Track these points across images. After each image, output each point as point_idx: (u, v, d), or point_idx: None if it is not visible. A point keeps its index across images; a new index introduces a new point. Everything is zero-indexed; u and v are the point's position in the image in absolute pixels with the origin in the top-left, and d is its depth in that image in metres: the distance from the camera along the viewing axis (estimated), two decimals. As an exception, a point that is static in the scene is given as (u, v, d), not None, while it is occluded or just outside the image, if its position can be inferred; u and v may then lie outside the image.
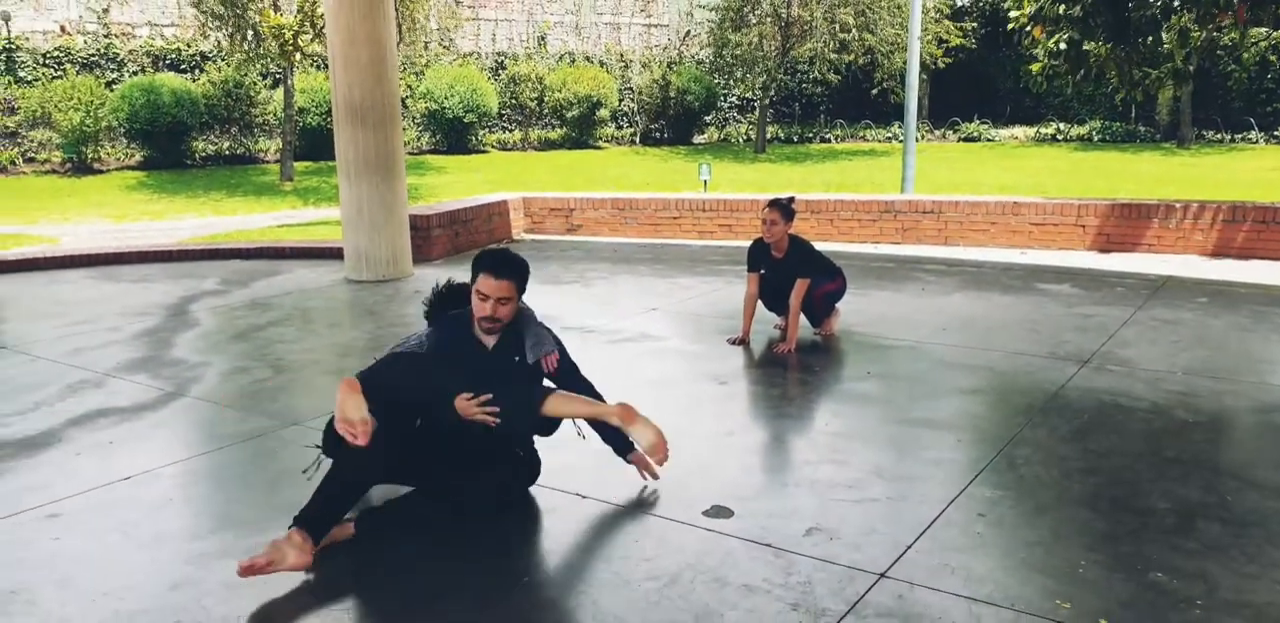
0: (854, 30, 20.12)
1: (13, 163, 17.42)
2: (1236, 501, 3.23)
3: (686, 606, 2.65)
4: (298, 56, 12.46)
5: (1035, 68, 10.28)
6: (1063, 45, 8.24)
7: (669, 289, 6.99)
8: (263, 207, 14.96)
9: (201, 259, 8.68)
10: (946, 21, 21.52)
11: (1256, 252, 7.60)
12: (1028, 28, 8.56)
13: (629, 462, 3.45)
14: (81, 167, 17.70)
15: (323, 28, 12.53)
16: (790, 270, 5.23)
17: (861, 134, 24.43)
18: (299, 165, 18.37)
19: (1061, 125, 22.90)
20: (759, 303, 5.46)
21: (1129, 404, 4.24)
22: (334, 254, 8.55)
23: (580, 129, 23.12)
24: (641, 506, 3.31)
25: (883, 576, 2.79)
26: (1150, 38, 8.24)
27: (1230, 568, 2.78)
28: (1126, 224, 7.95)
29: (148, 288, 7.35)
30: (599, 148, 23.92)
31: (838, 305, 5.57)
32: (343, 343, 5.71)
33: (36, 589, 2.79)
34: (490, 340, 3.26)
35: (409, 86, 21.51)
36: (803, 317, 5.39)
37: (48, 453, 3.90)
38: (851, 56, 20.78)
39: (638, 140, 24.35)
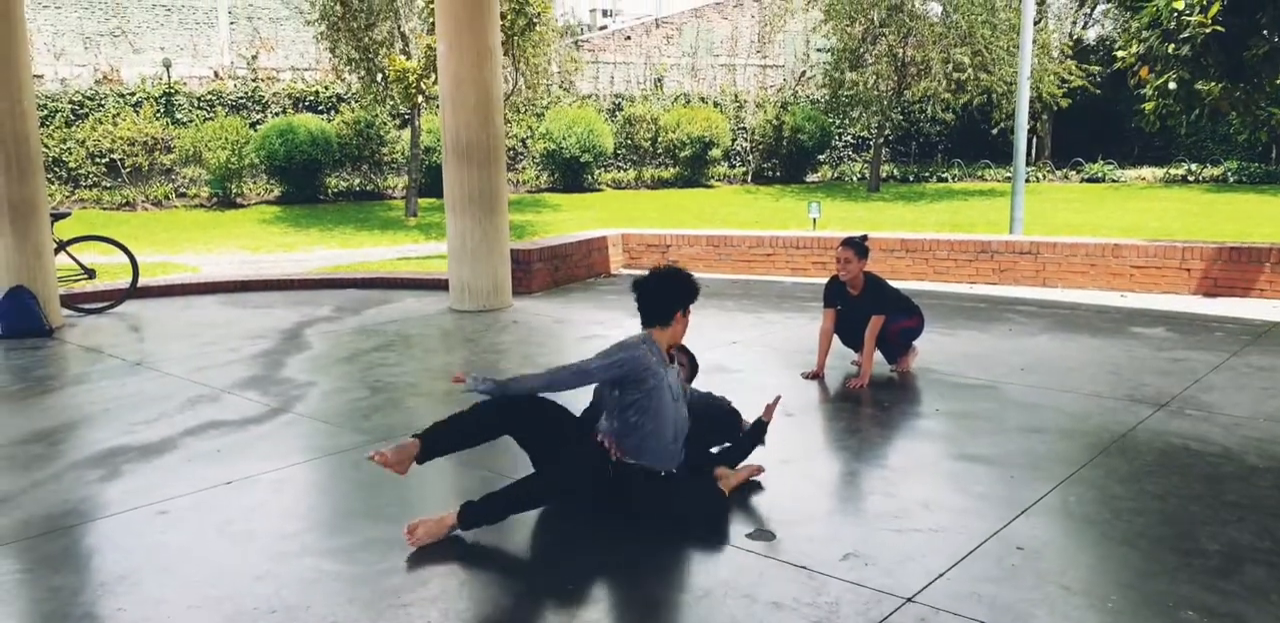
0: (970, 70, 19.96)
1: (167, 197, 18.93)
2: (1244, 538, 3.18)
3: (712, 618, 2.80)
4: (420, 99, 13.23)
5: (1148, 107, 10.07)
6: (1172, 85, 8.09)
7: (753, 323, 7.14)
8: (388, 240, 15.79)
9: (320, 288, 9.29)
10: (1070, 61, 21.10)
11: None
12: (1135, 68, 8.44)
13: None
14: (225, 201, 19.07)
15: (441, 72, 13.27)
16: (866, 307, 5.33)
17: (980, 174, 24.04)
18: (423, 202, 19.28)
19: (1193, 166, 22.02)
20: (837, 339, 5.56)
21: (1199, 448, 4.17)
22: (441, 286, 9.02)
23: (692, 168, 23.53)
24: (689, 526, 3.46)
25: (909, 600, 2.87)
26: (1269, 75, 8.01)
27: (1267, 611, 2.76)
28: (1235, 268, 7.68)
29: (269, 313, 7.93)
30: (710, 186, 24.26)
31: (915, 343, 5.62)
32: (437, 367, 6.07)
33: (141, 575, 3.15)
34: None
35: (530, 128, 22.35)
36: (879, 353, 5.47)
37: (163, 458, 4.33)
38: (968, 96, 20.58)
39: (749, 179, 24.59)
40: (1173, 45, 7.95)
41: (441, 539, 3.31)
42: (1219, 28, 7.59)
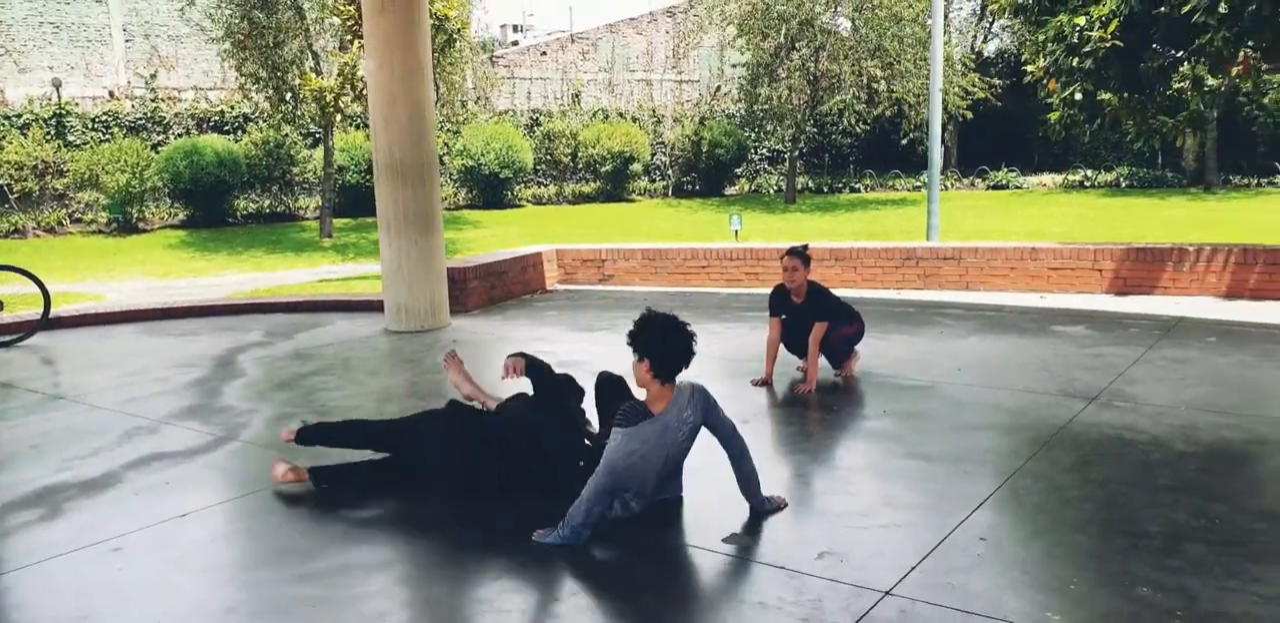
0: (882, 82, 20.59)
1: (60, 223, 18.17)
2: (1223, 524, 3.40)
3: (702, 619, 2.86)
4: (338, 117, 13.06)
5: (1054, 117, 10.57)
6: (1078, 95, 8.51)
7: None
8: (303, 262, 15.49)
9: (245, 313, 9.07)
10: (973, 74, 21.94)
11: (1268, 293, 7.72)
12: (1044, 80, 8.86)
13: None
14: (126, 226, 18.39)
15: (363, 90, 13.15)
16: (810, 315, 5.49)
17: (891, 184, 24.77)
18: (337, 222, 18.99)
19: (1089, 172, 23.09)
20: (781, 346, 5.70)
21: (1131, 437, 4.41)
22: (372, 307, 8.92)
23: (614, 183, 23.69)
24: (667, 532, 3.52)
25: (887, 593, 2.98)
26: (1162, 87, 8.49)
27: (1211, 584, 2.95)
28: (1142, 268, 8.12)
29: (194, 340, 7.72)
30: (632, 201, 24.45)
31: (857, 348, 5.79)
32: (381, 390, 6.01)
33: (102, 614, 3.06)
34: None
35: (446, 144, 22.22)
36: (823, 359, 5.62)
37: (108, 493, 4.18)
38: (880, 108, 21.22)
39: (670, 193, 24.87)
40: (1076, 59, 8.37)
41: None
42: (1118, 43, 8.02)
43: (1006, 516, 3.56)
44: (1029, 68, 9.11)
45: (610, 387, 4.09)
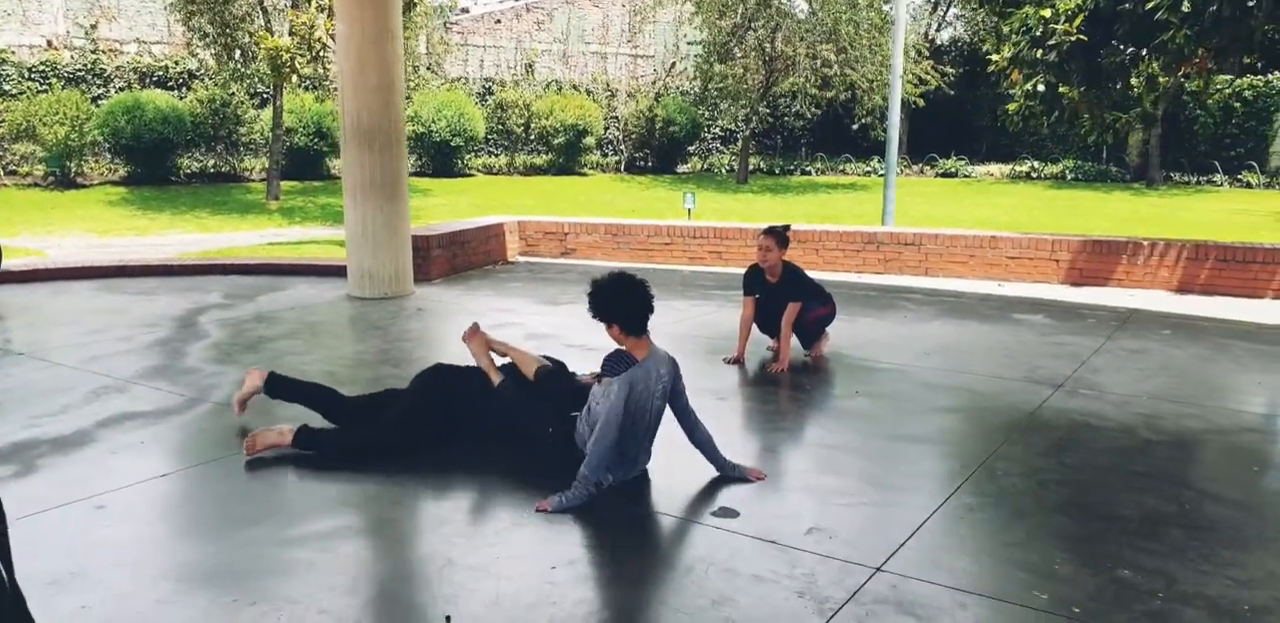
0: (836, 66, 20.71)
1: (-7, 175, 17.50)
2: (1194, 510, 3.55)
3: (702, 592, 2.91)
4: (294, 79, 12.71)
5: (1012, 108, 10.76)
6: (1040, 87, 8.68)
7: (663, 311, 7.17)
8: (249, 225, 15.14)
9: (202, 274, 8.87)
10: (926, 62, 22.18)
11: (1218, 288, 8.02)
12: (1007, 71, 9.00)
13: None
14: (64, 181, 17.78)
15: (319, 50, 12.83)
16: (784, 295, 5.54)
17: (841, 168, 25.01)
18: (284, 185, 18.57)
19: (1036, 163, 23.59)
20: (753, 325, 5.75)
21: (1099, 424, 4.57)
22: (333, 272, 8.78)
23: (566, 156, 23.51)
24: (655, 506, 3.57)
25: (878, 569, 3.06)
26: (1119, 83, 8.70)
27: (1188, 566, 3.08)
28: (1097, 260, 8.36)
29: (153, 300, 7.53)
30: (584, 175, 24.31)
31: (827, 329, 5.88)
32: (351, 355, 5.93)
33: (94, 571, 3.00)
34: None
35: (397, 110, 21.78)
36: (794, 339, 5.69)
37: (83, 452, 4.09)
38: (833, 92, 21.36)
39: (622, 168, 24.77)
40: (1040, 51, 8.52)
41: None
42: (1083, 37, 8.19)
43: (987, 497, 3.66)
44: (994, 57, 9.26)
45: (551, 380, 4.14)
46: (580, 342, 6.07)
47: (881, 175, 24.71)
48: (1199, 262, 8.07)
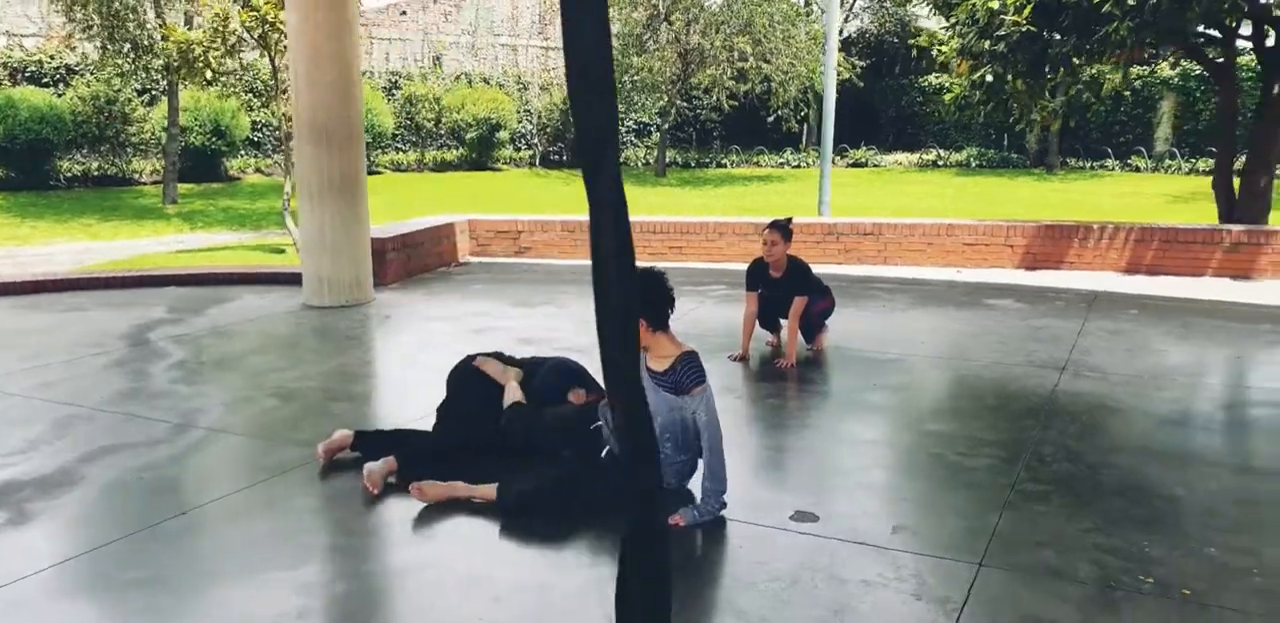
0: (751, 59, 20.84)
1: None
2: (1242, 486, 3.64)
3: (817, 602, 2.82)
4: (209, 74, 12.07)
5: (948, 98, 10.99)
6: (989, 77, 8.86)
7: (642, 309, 7.14)
8: (147, 231, 14.33)
9: (132, 287, 8.30)
10: (839, 54, 22.50)
11: (1163, 268, 8.35)
12: (954, 62, 9.17)
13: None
14: (-73, 187, 16.52)
15: (235, 43, 12.17)
16: (788, 289, 5.49)
17: (756, 160, 25.22)
18: (182, 187, 17.72)
19: (942, 152, 24.26)
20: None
21: (1115, 406, 4.66)
22: (278, 280, 8.36)
23: (479, 151, 23.07)
24: (726, 513, 3.45)
25: (980, 565, 3.02)
26: (1061, 72, 8.96)
27: (1266, 542, 3.15)
28: (1050, 244, 8.60)
29: (87, 317, 6.99)
30: (498, 170, 23.90)
31: (827, 322, 5.85)
32: (338, 369, 5.62)
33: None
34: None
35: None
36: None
37: (75, 493, 3.70)
38: (749, 85, 21.50)
39: (537, 163, 24.46)
40: (989, 41, 8.71)
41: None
42: (1031, 27, 8.40)
43: (1046, 484, 3.67)
44: (942, 48, 9.41)
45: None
46: (573, 344, 5.89)
47: (796, 167, 25.11)
48: (1145, 243, 8.38)
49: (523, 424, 3.83)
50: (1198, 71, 21.27)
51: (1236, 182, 9.73)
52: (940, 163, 23.81)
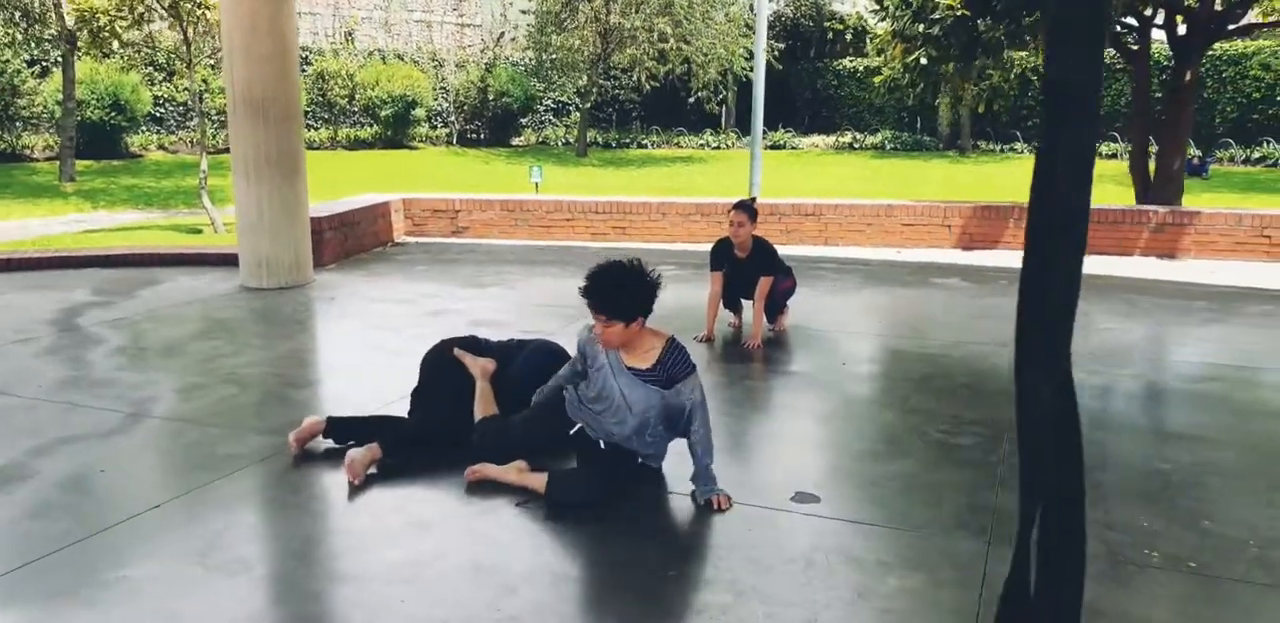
0: (672, 40, 20.78)
1: None
2: (1220, 458, 3.77)
3: (836, 584, 2.80)
4: (115, 45, 11.37)
5: (878, 80, 11.13)
6: (923, 60, 8.99)
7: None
8: (43, 211, 13.57)
9: (46, 269, 7.84)
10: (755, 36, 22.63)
11: (1094, 248, 8.63)
12: (889, 46, 9.27)
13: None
14: None
15: (143, 13, 11.52)
16: (753, 270, 5.48)
17: (676, 141, 25.23)
18: (79, 164, 16.81)
19: (857, 135, 24.66)
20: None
21: (1080, 382, 4.73)
22: (208, 261, 8.01)
23: (394, 129, 22.50)
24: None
25: (989, 542, 3.06)
26: (993, 57, 9.15)
27: (1255, 512, 3.27)
28: (987, 224, 8.81)
29: (3, 301, 6.58)
30: (414, 148, 23.37)
31: (788, 302, 5.87)
32: (289, 353, 5.40)
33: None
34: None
35: (205, 81, 20.16)
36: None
37: (29, 485, 3.46)
38: (670, 66, 21.44)
39: (454, 141, 23.98)
40: (923, 25, 8.83)
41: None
42: (965, 11, 8.54)
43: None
44: (878, 30, 9.51)
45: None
46: (536, 328, 5.77)
47: (716, 148, 25.19)
48: (1078, 224, 8.64)
49: (493, 440, 3.70)
50: (1100, 59, 22.06)
51: (1152, 165, 10.13)
52: (856, 145, 24.22)
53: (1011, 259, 8.42)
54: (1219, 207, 10.03)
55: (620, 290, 3.32)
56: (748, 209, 5.42)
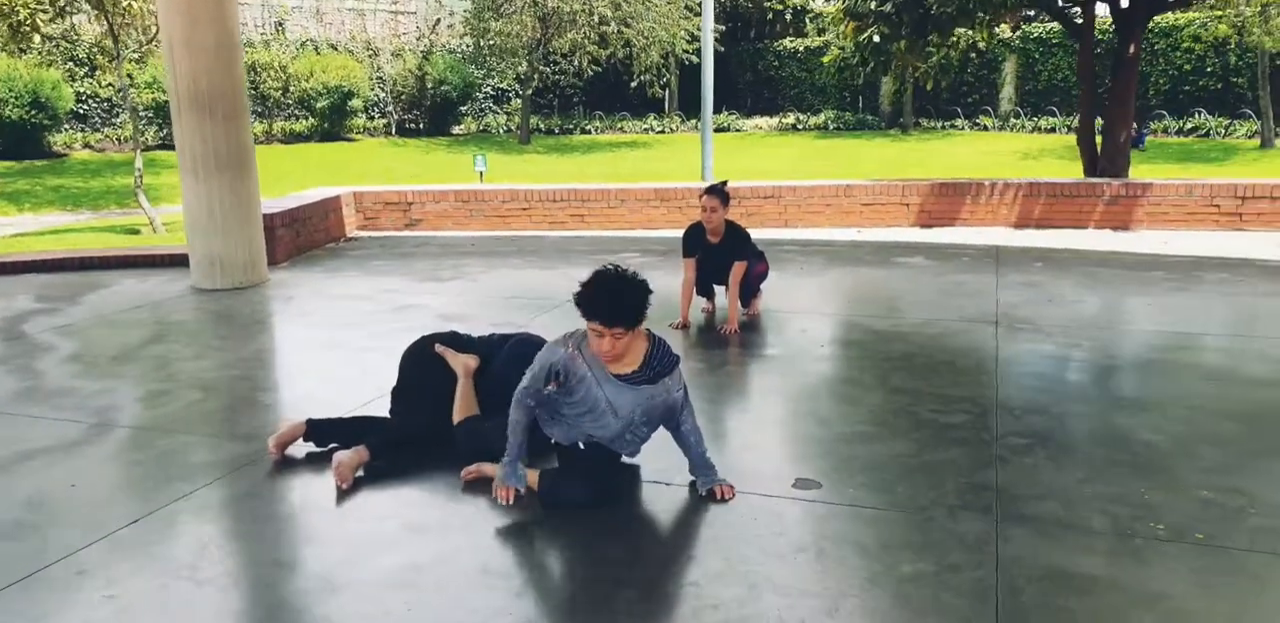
0: (613, 23, 20.59)
1: None
2: (1216, 429, 3.82)
3: (850, 571, 2.77)
4: (36, 39, 10.87)
5: (827, 59, 11.12)
6: (876, 38, 8.99)
7: (561, 280, 6.92)
8: (-39, 213, 13.10)
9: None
10: (696, 18, 22.50)
11: (1051, 222, 8.76)
12: (841, 23, 9.25)
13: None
14: None
15: (65, 5, 11.06)
16: (727, 255, 5.42)
17: (619, 126, 25.07)
18: (0, 165, 16.20)
19: (800, 115, 24.73)
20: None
21: (1058, 355, 4.83)
22: (154, 262, 7.72)
23: (331, 120, 22.01)
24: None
25: (996, 521, 3.05)
26: (943, 33, 9.18)
27: (1250, 479, 3.31)
28: (944, 202, 8.86)
29: (-63, 309, 6.28)
30: (351, 140, 22.90)
31: (761, 286, 5.82)
32: (254, 356, 5.21)
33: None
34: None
35: (130, 75, 19.48)
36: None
37: None
38: (610, 50, 21.25)
39: (393, 131, 23.55)
40: (874, 2, 8.82)
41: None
42: (917, -12, 8.55)
43: (1027, 438, 3.74)
44: (829, 8, 9.48)
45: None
46: (505, 320, 5.66)
47: (660, 132, 25.08)
48: (1033, 198, 8.76)
49: (473, 445, 3.59)
50: (1036, 34, 22.41)
51: (1098, 138, 10.29)
52: (799, 126, 24.30)
53: (971, 235, 8.50)
54: (1168, 177, 10.24)
55: (623, 300, 3.11)
56: (720, 193, 5.35)
